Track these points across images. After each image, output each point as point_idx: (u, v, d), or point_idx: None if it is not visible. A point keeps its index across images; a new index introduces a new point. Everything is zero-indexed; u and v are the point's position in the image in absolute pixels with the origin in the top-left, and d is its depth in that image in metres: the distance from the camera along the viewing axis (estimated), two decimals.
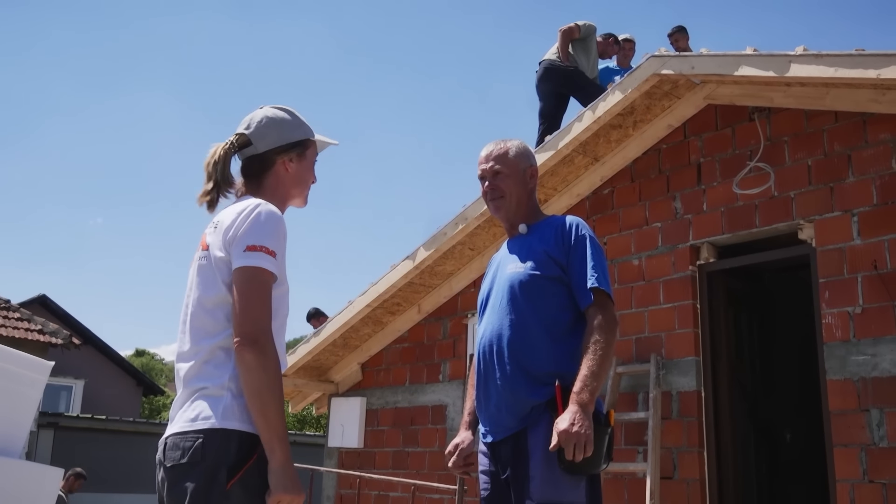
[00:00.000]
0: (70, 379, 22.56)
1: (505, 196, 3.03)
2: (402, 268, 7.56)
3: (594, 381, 2.60)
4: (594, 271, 2.78)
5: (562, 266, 2.83)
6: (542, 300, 2.80)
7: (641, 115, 6.31)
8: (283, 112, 2.51)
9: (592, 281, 2.76)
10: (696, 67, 5.75)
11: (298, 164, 2.49)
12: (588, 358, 2.64)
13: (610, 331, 2.71)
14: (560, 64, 7.90)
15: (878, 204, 5.13)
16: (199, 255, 2.36)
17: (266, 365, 2.13)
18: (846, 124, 5.39)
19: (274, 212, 2.29)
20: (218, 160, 2.40)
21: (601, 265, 2.83)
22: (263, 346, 2.14)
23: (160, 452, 2.22)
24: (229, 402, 2.18)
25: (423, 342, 8.06)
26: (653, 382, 5.83)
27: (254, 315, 2.16)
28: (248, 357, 2.13)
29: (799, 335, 6.36)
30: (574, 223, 2.92)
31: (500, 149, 3.06)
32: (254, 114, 2.50)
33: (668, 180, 6.30)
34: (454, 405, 7.50)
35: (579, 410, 2.56)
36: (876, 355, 4.95)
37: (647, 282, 6.22)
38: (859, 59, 4.82)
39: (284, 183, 2.47)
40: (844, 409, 5.03)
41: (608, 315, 2.73)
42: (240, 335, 2.15)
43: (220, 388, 2.20)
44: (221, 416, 2.16)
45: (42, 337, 15.44)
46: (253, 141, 2.44)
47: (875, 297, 5.02)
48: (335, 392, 8.80)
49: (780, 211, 5.58)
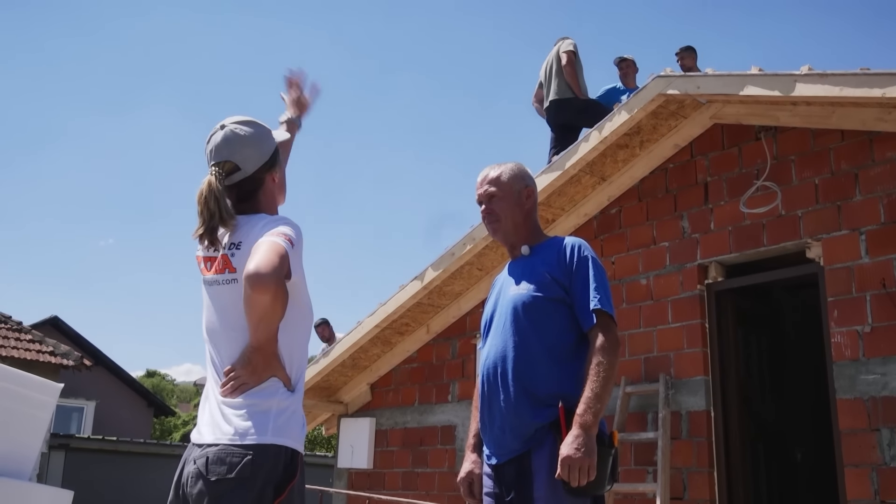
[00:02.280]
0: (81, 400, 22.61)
1: (500, 219, 3.05)
2: (411, 288, 7.58)
3: (597, 403, 2.60)
4: (596, 293, 2.79)
5: (564, 287, 2.84)
6: (545, 322, 2.81)
7: (648, 135, 6.33)
8: (250, 126, 2.47)
9: (595, 302, 2.77)
10: (701, 87, 5.77)
11: (280, 170, 2.55)
12: (591, 380, 2.64)
13: (613, 352, 2.71)
14: (573, 98, 7.98)
15: (886, 222, 5.12)
16: (226, 278, 2.33)
17: (276, 305, 2.12)
18: (852, 143, 5.39)
19: (295, 224, 2.34)
20: (218, 195, 2.34)
21: (603, 286, 2.83)
22: (276, 292, 2.10)
23: (201, 464, 2.16)
24: (279, 418, 2.19)
25: (432, 362, 8.06)
26: (662, 402, 5.81)
27: (272, 262, 2.11)
28: (261, 297, 2.09)
29: (808, 354, 6.34)
30: (576, 244, 2.92)
31: (494, 172, 3.09)
32: (225, 136, 2.43)
33: (676, 199, 6.31)
34: (463, 426, 7.49)
35: (582, 434, 2.56)
36: (886, 374, 4.93)
37: (655, 301, 6.21)
38: (864, 79, 4.83)
39: (273, 193, 2.51)
40: (855, 429, 5.00)
41: (611, 336, 2.73)
42: (252, 272, 2.10)
43: (268, 403, 2.20)
44: (272, 433, 2.16)
45: (54, 359, 15.48)
46: (241, 165, 2.42)
47: (884, 315, 5.00)
48: (344, 412, 8.80)
49: (788, 230, 5.58)
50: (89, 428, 22.69)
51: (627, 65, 8.63)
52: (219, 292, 2.35)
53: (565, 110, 8.02)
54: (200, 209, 2.33)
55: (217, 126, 2.47)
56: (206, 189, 2.34)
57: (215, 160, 2.41)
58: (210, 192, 2.34)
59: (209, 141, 2.45)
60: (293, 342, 2.31)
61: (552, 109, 8.11)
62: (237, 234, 2.36)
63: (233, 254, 2.33)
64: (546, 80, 8.27)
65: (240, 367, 2.22)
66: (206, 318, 2.40)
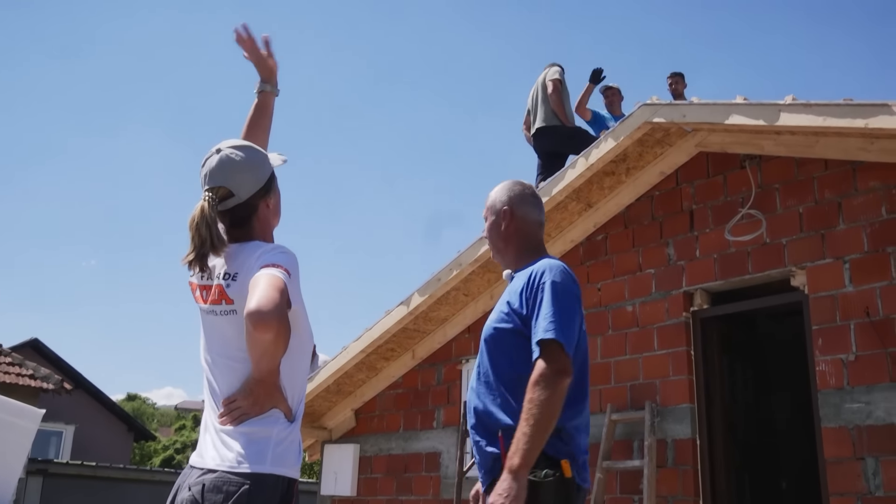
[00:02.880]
0: (60, 424, 22.33)
1: (492, 243, 3.01)
2: (397, 313, 7.56)
3: (527, 443, 2.45)
4: (545, 320, 2.60)
5: (522, 318, 2.70)
6: (502, 354, 2.74)
7: (634, 162, 6.37)
8: (246, 150, 2.42)
9: (540, 332, 2.59)
10: (687, 116, 5.82)
11: (275, 196, 2.49)
12: (522, 419, 2.49)
13: (548, 385, 2.49)
14: (559, 125, 8.04)
15: (869, 251, 5.16)
16: (223, 310, 2.29)
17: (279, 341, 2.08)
18: (836, 172, 5.44)
19: (290, 252, 2.31)
20: (210, 222, 2.28)
21: (559, 313, 2.61)
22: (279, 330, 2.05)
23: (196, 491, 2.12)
24: (279, 447, 2.17)
25: (418, 388, 8.03)
26: (648, 430, 5.81)
27: (268, 296, 2.06)
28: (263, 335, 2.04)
29: (793, 381, 6.36)
30: (538, 271, 2.74)
31: (489, 196, 3.05)
32: (220, 161, 2.38)
33: (661, 227, 6.34)
34: (448, 452, 7.45)
35: (508, 478, 2.45)
36: (870, 403, 4.94)
37: (641, 328, 6.22)
38: (847, 109, 4.88)
39: (268, 219, 2.46)
40: (840, 458, 5.01)
41: (550, 368, 2.53)
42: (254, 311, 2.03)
43: (268, 431, 2.18)
44: (271, 462, 2.14)
45: (33, 382, 15.31)
46: (235, 192, 2.37)
47: (868, 344, 5.03)
48: (328, 438, 8.73)
49: (773, 257, 5.61)
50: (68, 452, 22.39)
51: (613, 93, 8.71)
52: (217, 323, 2.32)
53: (551, 137, 8.06)
54: (192, 235, 2.28)
55: (213, 150, 2.42)
56: (198, 215, 2.29)
57: (209, 185, 2.36)
58: (202, 218, 2.28)
59: (204, 165, 2.40)
60: (294, 372, 2.28)
61: (539, 136, 8.16)
62: (232, 264, 2.31)
63: (228, 284, 2.28)
64: (533, 108, 8.33)
65: (241, 397, 2.19)
66: (205, 346, 2.37)
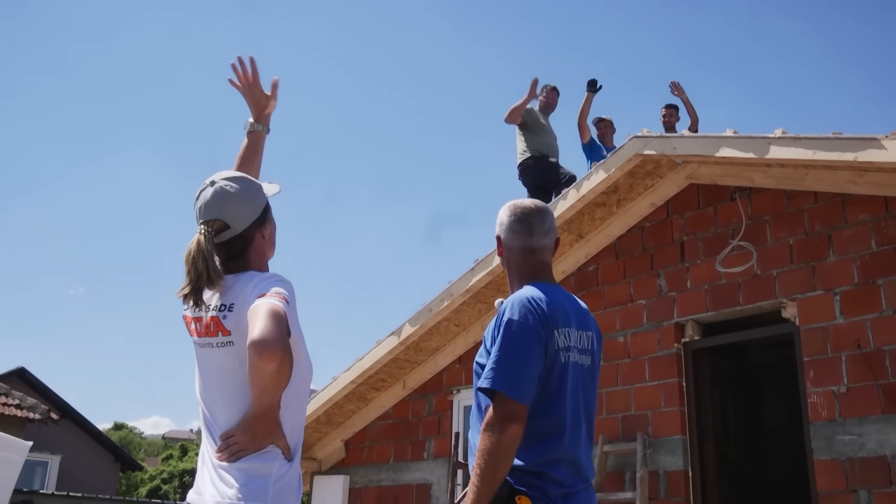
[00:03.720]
0: (46, 454, 22.08)
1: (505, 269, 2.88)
2: (388, 343, 7.54)
3: (474, 492, 2.38)
4: (488, 368, 2.49)
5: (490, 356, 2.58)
6: (477, 392, 2.61)
7: (625, 194, 6.40)
8: (240, 182, 2.41)
9: (483, 382, 2.48)
10: (677, 148, 5.86)
11: (270, 227, 2.49)
12: (474, 466, 2.43)
13: (492, 433, 2.40)
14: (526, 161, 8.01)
15: (860, 283, 5.19)
16: (220, 341, 2.26)
17: (282, 372, 2.04)
18: (826, 204, 5.48)
19: (286, 280, 2.29)
20: (207, 256, 2.27)
21: (502, 358, 2.48)
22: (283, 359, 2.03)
23: None
24: (278, 483, 2.14)
25: (408, 419, 7.99)
26: (640, 462, 5.78)
27: (270, 325, 2.04)
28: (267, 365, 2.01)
29: (785, 413, 6.36)
30: (505, 306, 2.59)
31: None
32: (215, 193, 2.37)
33: (652, 258, 6.36)
34: (439, 484, 7.40)
35: None
36: (862, 435, 4.95)
37: (632, 359, 6.22)
38: (837, 143, 4.93)
39: (263, 249, 2.45)
40: (832, 490, 5.00)
41: (496, 415, 2.42)
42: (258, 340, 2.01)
43: (269, 468, 2.15)
44: (272, 499, 2.11)
45: (20, 412, 15.18)
46: (231, 224, 2.36)
47: (859, 376, 5.04)
48: (318, 470, 8.66)
49: (763, 289, 5.63)
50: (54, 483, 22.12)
51: (605, 125, 8.76)
52: (213, 355, 2.29)
53: (526, 173, 8.07)
54: (188, 269, 2.26)
55: (206, 182, 2.41)
56: (194, 248, 2.28)
57: (204, 218, 2.35)
58: (199, 252, 2.26)
59: (198, 198, 2.39)
60: (293, 405, 2.25)
61: (519, 173, 8.18)
62: (228, 295, 2.29)
63: (224, 316, 2.26)
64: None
65: (240, 433, 2.16)
66: (201, 380, 2.34)
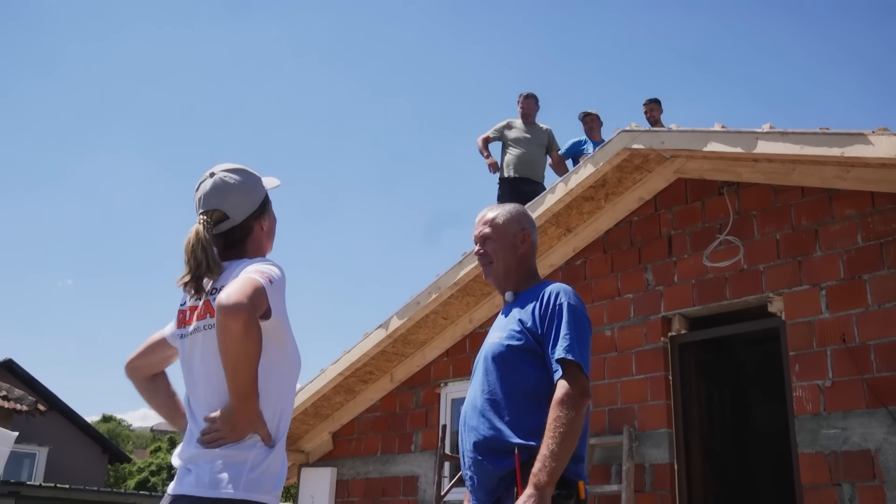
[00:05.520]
0: (34, 446, 22.02)
1: (493, 262, 2.99)
2: (375, 336, 7.54)
3: (553, 461, 2.49)
4: (565, 341, 2.67)
5: (537, 337, 2.75)
6: (514, 372, 2.74)
7: (613, 188, 6.41)
8: (239, 174, 2.45)
9: (560, 352, 2.66)
10: (665, 143, 5.87)
11: (269, 219, 2.51)
12: (548, 436, 2.54)
13: (572, 405, 2.56)
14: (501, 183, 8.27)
15: (846, 278, 5.22)
16: (206, 324, 2.28)
17: (249, 335, 2.04)
18: (813, 200, 5.51)
19: (277, 265, 2.30)
20: (206, 245, 2.31)
21: (577, 334, 2.68)
22: (248, 321, 2.03)
23: None
24: (253, 472, 2.12)
25: (396, 411, 8.00)
26: (626, 454, 5.81)
27: (245, 292, 2.07)
28: (232, 324, 2.02)
29: (770, 407, 6.39)
30: (553, 291, 2.80)
31: (491, 214, 3.03)
32: (214, 184, 2.42)
33: (640, 252, 6.37)
34: (426, 476, 7.41)
35: (535, 494, 2.47)
36: (846, 429, 4.98)
37: (619, 353, 6.24)
38: (824, 138, 4.95)
39: (261, 241, 2.48)
40: (816, 483, 5.03)
41: (574, 388, 2.60)
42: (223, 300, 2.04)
43: (244, 455, 2.14)
44: (245, 487, 2.09)
45: (7, 403, 15.12)
46: (230, 214, 2.40)
47: (844, 370, 5.07)
48: (305, 462, 8.67)
49: (750, 284, 5.66)
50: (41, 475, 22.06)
51: (592, 119, 8.76)
52: (200, 339, 2.30)
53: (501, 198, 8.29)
54: (187, 258, 2.30)
55: (206, 174, 2.45)
56: (193, 238, 2.32)
57: (204, 209, 2.39)
58: (197, 241, 2.31)
59: (198, 189, 2.43)
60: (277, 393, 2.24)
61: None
62: (220, 280, 2.32)
63: (214, 298, 2.27)
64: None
65: (220, 422, 2.15)
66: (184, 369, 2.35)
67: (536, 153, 8.34)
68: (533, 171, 8.25)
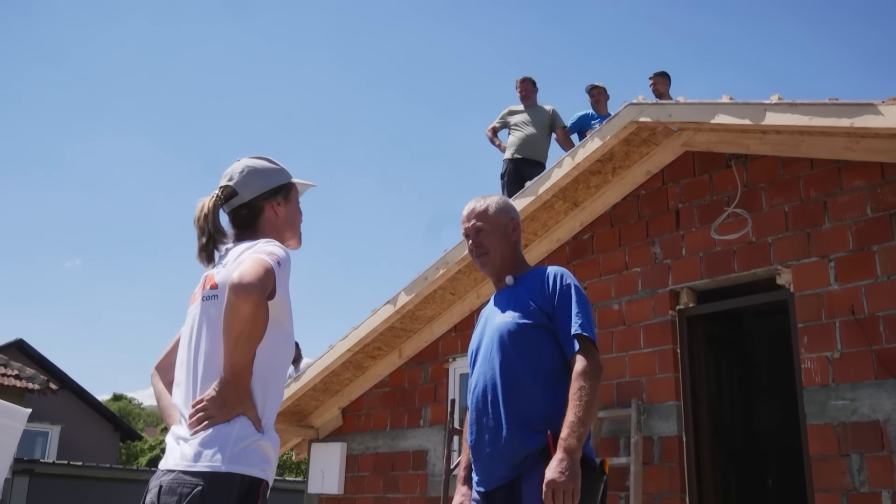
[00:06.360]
0: (46, 424, 22.21)
1: (489, 252, 3.09)
2: (384, 312, 7.55)
3: (580, 427, 2.61)
4: (578, 318, 2.82)
5: (548, 314, 2.87)
6: (531, 348, 2.83)
7: (620, 162, 6.38)
8: (262, 160, 2.55)
9: (576, 328, 2.79)
10: (673, 115, 5.83)
11: (286, 206, 2.54)
12: (573, 405, 2.65)
13: (594, 376, 2.72)
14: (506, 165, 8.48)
15: (855, 250, 5.20)
16: (206, 294, 2.32)
17: (257, 317, 2.09)
18: (822, 171, 5.47)
19: (283, 247, 2.33)
20: (208, 213, 2.40)
21: (585, 312, 2.86)
22: (259, 302, 2.08)
23: (153, 494, 2.12)
24: (237, 445, 2.12)
25: (404, 387, 8.03)
26: (634, 427, 5.82)
27: (257, 273, 2.10)
28: (243, 305, 2.07)
29: (779, 379, 6.39)
30: (559, 273, 2.96)
31: (480, 206, 3.13)
32: (234, 165, 2.52)
33: (648, 226, 6.36)
34: (435, 450, 7.45)
35: (566, 458, 2.57)
36: (855, 400, 4.98)
37: (627, 326, 6.24)
38: (833, 108, 4.91)
39: (277, 226, 2.50)
40: (825, 454, 5.04)
41: (592, 361, 2.75)
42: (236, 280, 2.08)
43: (229, 429, 2.14)
44: (229, 459, 2.09)
45: (19, 382, 15.22)
46: (238, 190, 2.46)
47: (853, 341, 5.06)
48: (315, 437, 8.72)
49: (758, 256, 5.64)
50: (54, 452, 22.27)
51: (599, 92, 8.74)
52: (202, 309, 2.32)
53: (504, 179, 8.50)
54: (196, 228, 2.41)
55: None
56: (198, 209, 2.42)
57: (220, 185, 2.50)
58: (201, 211, 2.41)
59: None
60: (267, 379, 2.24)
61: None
62: (226, 257, 2.37)
63: (218, 272, 2.33)
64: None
65: (209, 399, 2.16)
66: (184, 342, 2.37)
67: (539, 134, 8.53)
68: (535, 151, 8.45)
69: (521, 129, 8.51)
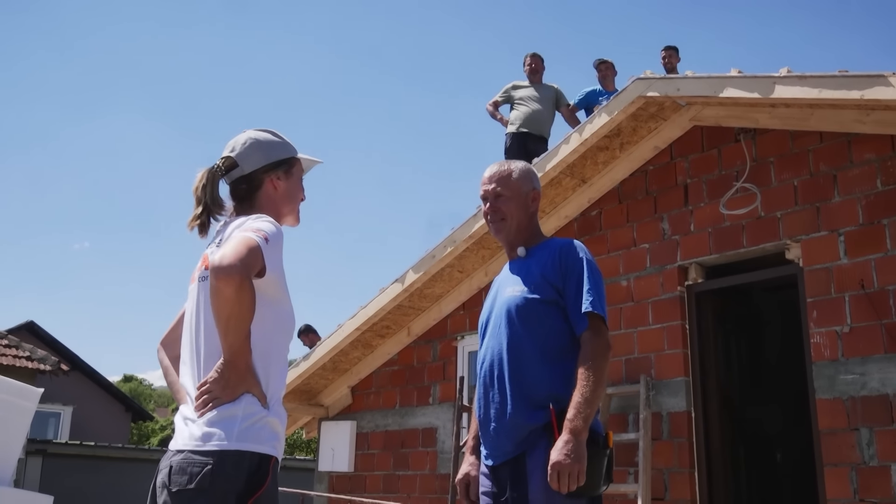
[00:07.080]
0: (58, 405, 22.38)
1: (506, 219, 2.99)
2: (392, 290, 7.56)
3: (587, 407, 2.58)
4: (589, 295, 2.74)
5: (558, 289, 2.80)
6: (538, 324, 2.78)
7: (628, 137, 6.35)
8: (266, 133, 2.51)
9: (586, 305, 2.73)
10: (681, 89, 5.79)
11: (286, 181, 2.49)
12: (580, 384, 2.62)
13: (602, 355, 2.67)
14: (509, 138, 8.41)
15: (864, 223, 5.17)
16: (202, 275, 2.31)
17: (242, 298, 2.06)
18: (831, 144, 5.44)
19: (274, 222, 2.30)
20: (206, 183, 2.38)
21: (597, 289, 2.77)
22: (241, 284, 2.04)
23: (164, 475, 2.13)
24: (245, 422, 2.13)
25: (413, 365, 8.05)
26: (643, 403, 5.83)
27: (238, 253, 2.07)
28: (225, 288, 2.04)
29: (788, 354, 6.38)
30: (571, 246, 2.88)
31: (503, 170, 3.02)
32: (237, 137, 2.49)
33: (656, 201, 6.33)
34: (444, 428, 7.48)
35: (572, 440, 2.54)
36: (864, 374, 4.97)
37: (635, 303, 6.23)
38: (843, 81, 4.87)
39: (275, 201, 2.46)
40: (834, 429, 5.04)
41: (601, 339, 2.70)
42: (217, 262, 2.05)
43: (236, 409, 2.14)
44: (237, 437, 2.10)
45: (30, 364, 15.31)
46: (239, 162, 2.43)
47: (862, 316, 5.04)
48: (325, 416, 8.76)
49: (767, 231, 5.62)
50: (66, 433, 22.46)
51: (606, 67, 8.69)
52: (200, 289, 2.32)
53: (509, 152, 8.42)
54: (194, 198, 2.39)
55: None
56: (197, 179, 2.41)
57: (222, 155, 2.47)
58: (199, 181, 2.40)
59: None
60: (269, 354, 2.24)
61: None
62: (224, 232, 2.34)
63: (212, 252, 2.28)
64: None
65: (212, 381, 2.16)
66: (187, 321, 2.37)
67: (544, 109, 8.49)
68: (540, 127, 8.41)
69: (526, 104, 8.45)
